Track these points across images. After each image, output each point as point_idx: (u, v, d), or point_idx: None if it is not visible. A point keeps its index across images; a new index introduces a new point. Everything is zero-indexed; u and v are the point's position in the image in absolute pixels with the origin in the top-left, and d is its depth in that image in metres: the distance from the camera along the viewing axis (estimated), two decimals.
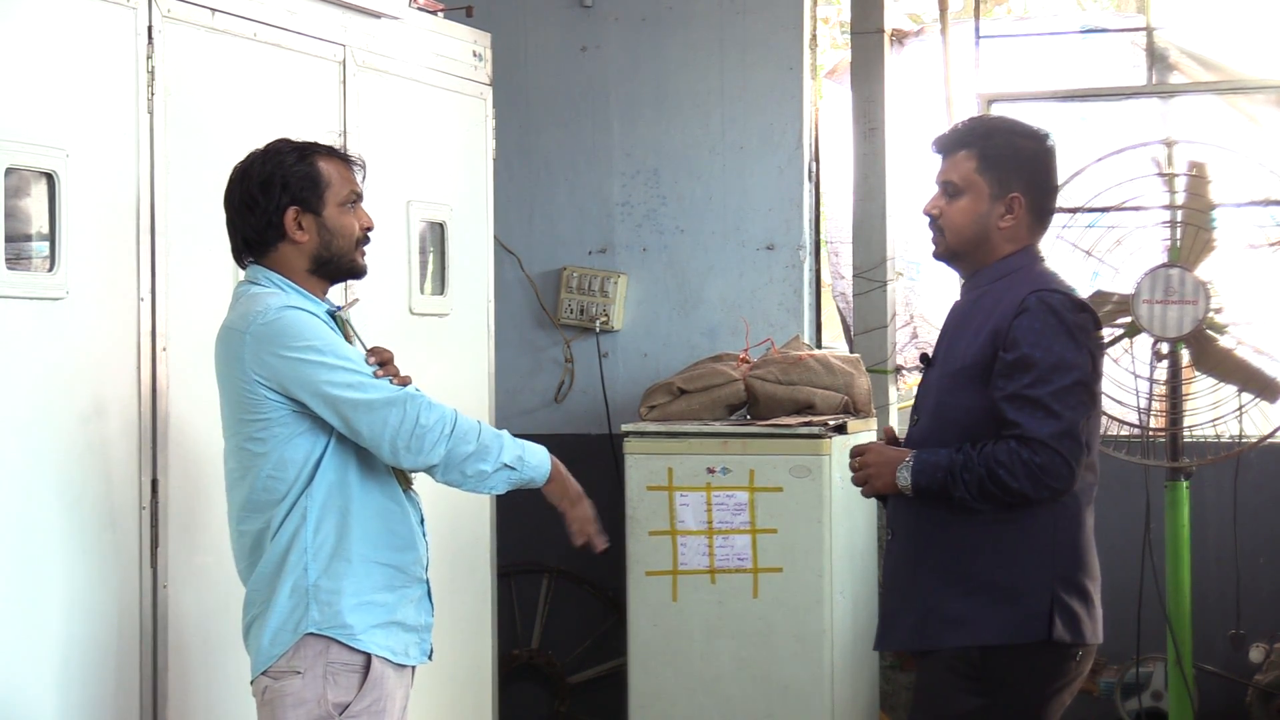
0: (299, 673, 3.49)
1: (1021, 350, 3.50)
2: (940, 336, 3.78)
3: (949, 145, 3.71)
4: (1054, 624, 3.54)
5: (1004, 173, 3.64)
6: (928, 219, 3.72)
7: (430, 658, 3.71)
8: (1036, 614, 3.54)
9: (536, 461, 3.59)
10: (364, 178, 3.71)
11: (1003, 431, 3.51)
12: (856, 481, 3.72)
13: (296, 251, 3.59)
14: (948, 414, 3.62)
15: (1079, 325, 3.56)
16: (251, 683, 3.59)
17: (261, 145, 3.64)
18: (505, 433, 3.59)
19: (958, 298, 3.80)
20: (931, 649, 3.61)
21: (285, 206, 3.56)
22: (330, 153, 3.66)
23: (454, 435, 3.49)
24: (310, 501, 3.51)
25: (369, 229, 3.68)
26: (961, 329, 3.67)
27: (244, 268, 3.66)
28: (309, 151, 3.62)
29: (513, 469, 3.55)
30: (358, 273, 3.69)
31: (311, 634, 3.49)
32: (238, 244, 3.64)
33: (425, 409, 3.48)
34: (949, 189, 3.67)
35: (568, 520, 3.62)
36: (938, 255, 3.75)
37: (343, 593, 3.51)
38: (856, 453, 3.72)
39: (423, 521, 3.70)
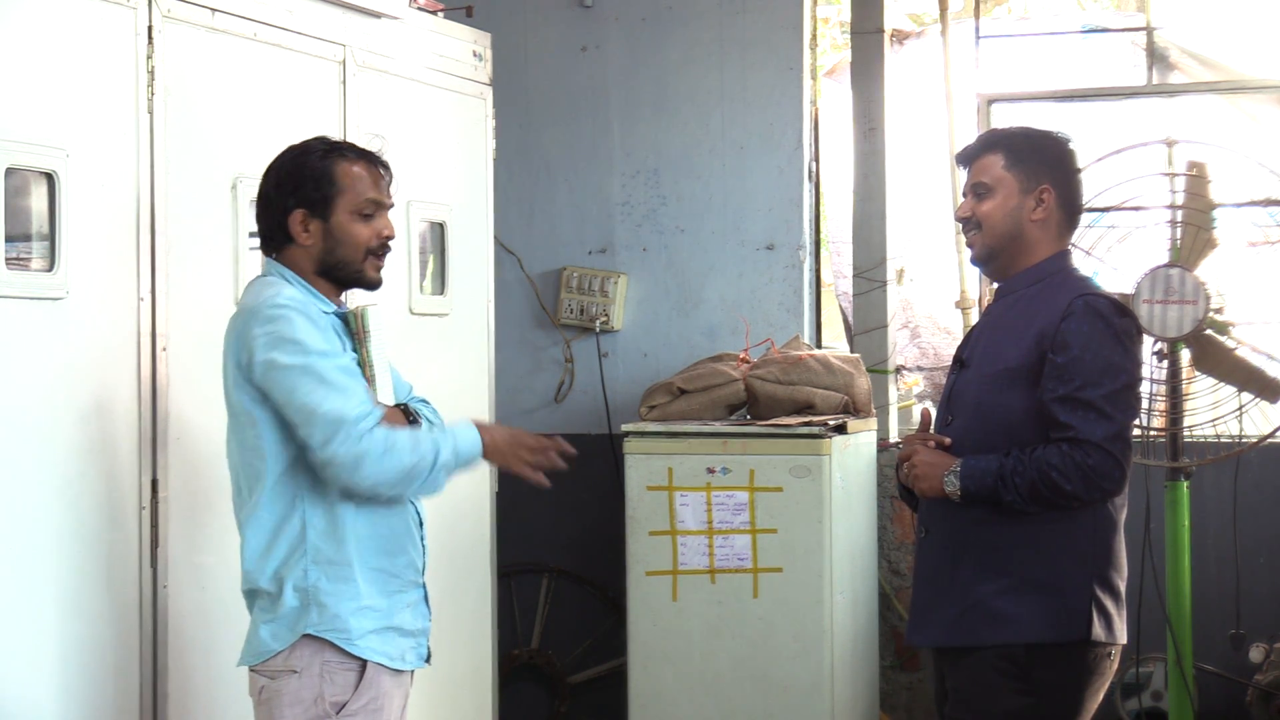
0: (295, 672, 3.49)
1: (1072, 353, 3.55)
2: (972, 338, 3.83)
3: (974, 152, 3.79)
4: (1093, 623, 3.58)
5: (1031, 166, 3.71)
6: (961, 223, 3.80)
7: (428, 662, 3.70)
8: (1077, 612, 3.58)
9: (468, 450, 3.55)
10: (389, 184, 3.64)
11: (1053, 434, 3.55)
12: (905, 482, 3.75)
13: (303, 254, 3.58)
14: (991, 414, 3.65)
15: (1124, 329, 3.63)
16: (249, 669, 3.58)
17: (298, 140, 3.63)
18: (437, 434, 3.53)
19: (990, 301, 3.87)
20: (972, 645, 3.63)
21: (291, 209, 3.55)
22: (359, 156, 3.60)
23: (386, 461, 3.42)
24: (308, 504, 3.50)
25: (388, 238, 3.62)
26: (1000, 331, 3.72)
27: (266, 255, 3.65)
28: (334, 151, 3.58)
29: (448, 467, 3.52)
30: (365, 284, 3.64)
31: (309, 635, 3.50)
32: (260, 233, 3.66)
33: (365, 439, 3.41)
34: (979, 190, 3.73)
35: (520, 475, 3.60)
36: (975, 257, 3.82)
37: (341, 596, 3.50)
38: (906, 455, 3.73)
39: (422, 525, 3.69)
